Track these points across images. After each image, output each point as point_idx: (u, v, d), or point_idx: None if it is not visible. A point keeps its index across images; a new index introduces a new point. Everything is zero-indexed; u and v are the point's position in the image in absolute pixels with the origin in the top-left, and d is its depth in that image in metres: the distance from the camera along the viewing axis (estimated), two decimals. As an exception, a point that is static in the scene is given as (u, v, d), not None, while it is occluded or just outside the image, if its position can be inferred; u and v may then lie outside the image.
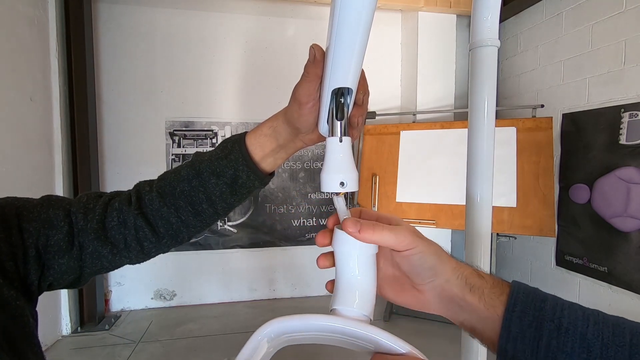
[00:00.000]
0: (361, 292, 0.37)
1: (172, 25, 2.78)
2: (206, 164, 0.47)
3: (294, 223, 3.07)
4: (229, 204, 0.49)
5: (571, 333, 0.29)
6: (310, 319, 0.34)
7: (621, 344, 0.28)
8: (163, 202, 0.47)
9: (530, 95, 2.78)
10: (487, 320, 0.33)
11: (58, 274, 0.44)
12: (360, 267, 0.37)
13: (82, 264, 0.45)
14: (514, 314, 0.31)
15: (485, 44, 0.61)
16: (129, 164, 2.78)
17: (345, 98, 0.40)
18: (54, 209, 0.44)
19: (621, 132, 2.09)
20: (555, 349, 0.29)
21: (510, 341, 0.31)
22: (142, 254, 0.49)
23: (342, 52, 0.36)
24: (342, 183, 0.38)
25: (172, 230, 0.48)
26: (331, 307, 0.38)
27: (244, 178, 0.47)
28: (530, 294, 0.32)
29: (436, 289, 0.36)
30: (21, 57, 2.08)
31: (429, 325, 2.56)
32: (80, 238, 0.45)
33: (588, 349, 0.29)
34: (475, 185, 0.64)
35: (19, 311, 0.39)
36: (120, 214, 0.46)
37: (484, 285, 0.34)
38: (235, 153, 0.46)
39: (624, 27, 2.08)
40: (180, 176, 0.47)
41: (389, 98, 3.15)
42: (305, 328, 0.35)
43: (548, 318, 0.30)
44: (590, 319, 0.30)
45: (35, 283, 0.43)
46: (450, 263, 0.36)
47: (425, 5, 2.82)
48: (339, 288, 0.38)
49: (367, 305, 0.37)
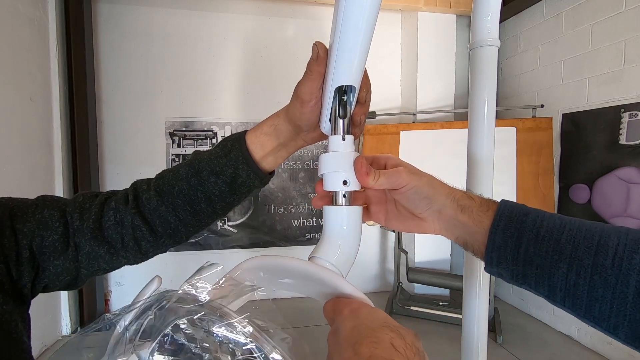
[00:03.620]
0: (342, 248, 0.39)
1: (172, 25, 2.78)
2: (205, 162, 0.46)
3: (294, 223, 3.07)
4: (228, 203, 0.48)
5: (547, 239, 0.33)
6: (286, 260, 0.37)
7: (589, 246, 0.32)
8: (161, 201, 0.46)
9: (530, 95, 2.78)
10: (475, 234, 0.38)
11: (53, 275, 0.43)
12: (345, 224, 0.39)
13: (78, 264, 0.44)
14: (498, 227, 0.36)
15: (485, 44, 0.61)
16: (129, 164, 2.78)
17: (348, 96, 0.40)
18: (49, 210, 0.43)
19: (621, 132, 2.09)
20: (532, 254, 0.34)
21: (495, 250, 0.36)
22: (140, 254, 0.48)
23: (346, 50, 0.36)
24: (345, 182, 0.39)
25: (170, 230, 0.47)
26: (310, 255, 0.40)
27: (243, 177, 0.46)
28: (514, 210, 0.36)
29: (433, 214, 0.40)
30: (21, 57, 2.08)
31: (429, 325, 2.56)
32: (76, 238, 0.43)
33: (560, 252, 0.33)
34: (475, 185, 0.64)
35: (5, 316, 0.38)
36: (117, 213, 0.45)
37: (473, 205, 0.38)
38: (235, 152, 0.45)
39: (624, 27, 2.08)
40: (178, 175, 0.46)
41: (389, 98, 3.15)
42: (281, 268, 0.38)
43: (528, 229, 0.35)
44: (566, 227, 0.33)
45: (29, 286, 0.42)
46: (443, 189, 0.40)
47: (425, 5, 2.82)
48: (322, 239, 0.40)
49: (342, 259, 0.39)
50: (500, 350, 2.28)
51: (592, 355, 2.25)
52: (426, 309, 2.62)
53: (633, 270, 0.29)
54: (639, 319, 0.29)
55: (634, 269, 0.29)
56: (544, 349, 2.34)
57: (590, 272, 0.31)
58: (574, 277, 0.32)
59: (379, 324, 0.29)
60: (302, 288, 0.39)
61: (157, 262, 0.62)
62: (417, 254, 2.97)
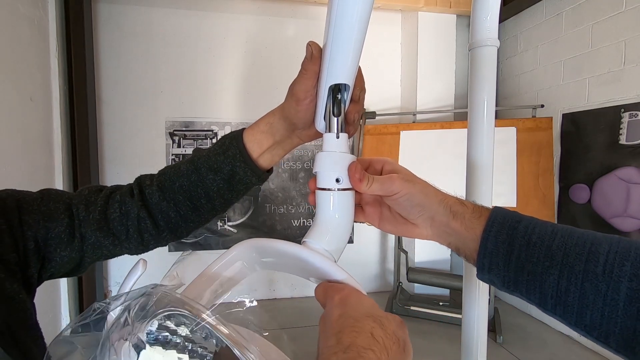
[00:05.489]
0: (333, 232, 0.40)
1: (172, 25, 2.78)
2: (204, 159, 0.47)
3: (294, 223, 3.07)
4: (226, 199, 0.49)
5: (538, 246, 0.34)
6: (279, 243, 0.38)
7: (580, 253, 0.32)
8: (162, 196, 0.48)
9: (530, 95, 2.78)
10: (467, 241, 0.38)
11: (59, 265, 0.45)
12: (336, 208, 0.40)
13: (82, 254, 0.46)
14: (490, 233, 0.36)
15: (485, 44, 0.61)
16: (129, 164, 2.78)
17: (342, 94, 0.40)
18: (54, 202, 0.45)
19: (621, 132, 2.09)
20: (524, 260, 0.34)
21: (487, 256, 0.36)
22: (142, 245, 0.50)
23: (339, 49, 0.36)
24: (338, 179, 0.39)
25: (171, 224, 0.49)
26: (302, 239, 0.40)
27: (240, 174, 0.47)
28: (507, 217, 0.37)
29: (426, 221, 0.40)
30: (21, 57, 2.08)
31: (429, 325, 2.56)
32: (81, 229, 0.45)
33: (551, 258, 0.33)
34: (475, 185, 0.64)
35: (21, 305, 0.40)
36: (122, 206, 0.47)
37: (465, 211, 0.39)
38: (233, 149, 0.46)
39: (624, 27, 2.08)
40: (179, 171, 0.48)
41: (389, 98, 3.15)
42: (274, 250, 0.39)
43: (520, 235, 0.35)
44: (558, 234, 0.34)
45: (35, 276, 0.43)
46: (437, 197, 0.40)
47: (425, 5, 2.81)
48: (314, 223, 0.41)
49: (333, 243, 0.40)
50: (500, 350, 2.28)
51: (592, 355, 2.25)
52: (426, 309, 2.62)
53: (624, 278, 0.29)
54: (630, 327, 0.29)
55: (624, 276, 0.29)
56: (544, 349, 2.34)
57: (582, 279, 0.31)
58: (564, 284, 0.32)
59: (362, 314, 0.30)
60: (293, 269, 0.41)
61: (157, 262, 0.62)
62: (417, 254, 2.97)
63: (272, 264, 0.42)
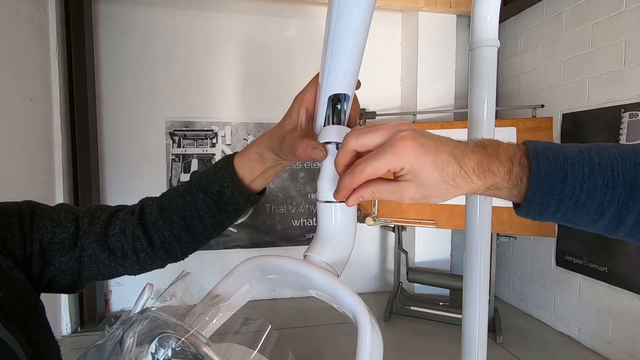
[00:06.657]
0: (335, 245, 0.39)
1: (172, 25, 2.79)
2: (197, 180, 0.50)
3: (294, 223, 3.07)
4: (217, 220, 0.51)
5: (587, 205, 0.32)
6: (280, 260, 0.38)
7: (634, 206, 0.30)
8: (160, 216, 0.50)
9: (530, 95, 2.78)
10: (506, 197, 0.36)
11: (57, 271, 0.46)
12: (337, 221, 0.39)
13: (80, 266, 0.47)
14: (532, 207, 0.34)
15: (485, 44, 0.61)
16: (129, 164, 2.78)
17: (342, 104, 0.39)
18: (64, 212, 0.48)
19: (621, 132, 2.09)
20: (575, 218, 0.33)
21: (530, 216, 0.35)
22: (138, 265, 0.51)
23: (339, 59, 0.35)
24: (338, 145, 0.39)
25: (166, 244, 0.50)
26: (304, 253, 0.40)
27: (229, 194, 0.48)
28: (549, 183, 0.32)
29: None
30: (21, 57, 2.08)
31: (429, 325, 2.56)
32: (82, 240, 0.47)
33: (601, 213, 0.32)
34: (475, 185, 0.64)
35: (27, 293, 0.42)
36: (122, 223, 0.49)
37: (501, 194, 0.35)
38: (222, 170, 0.48)
39: (624, 27, 2.08)
40: (177, 192, 0.51)
41: (389, 98, 3.15)
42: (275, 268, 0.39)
43: (567, 198, 0.32)
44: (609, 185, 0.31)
45: (36, 277, 0.45)
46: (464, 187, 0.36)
47: (425, 5, 2.82)
48: (316, 236, 0.40)
49: (336, 257, 0.39)
50: (500, 350, 2.28)
51: (592, 355, 2.25)
52: (426, 309, 2.62)
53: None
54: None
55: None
56: (544, 349, 2.35)
57: None
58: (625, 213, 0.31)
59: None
60: (296, 286, 0.40)
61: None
62: (417, 254, 2.97)
63: (276, 280, 0.41)
